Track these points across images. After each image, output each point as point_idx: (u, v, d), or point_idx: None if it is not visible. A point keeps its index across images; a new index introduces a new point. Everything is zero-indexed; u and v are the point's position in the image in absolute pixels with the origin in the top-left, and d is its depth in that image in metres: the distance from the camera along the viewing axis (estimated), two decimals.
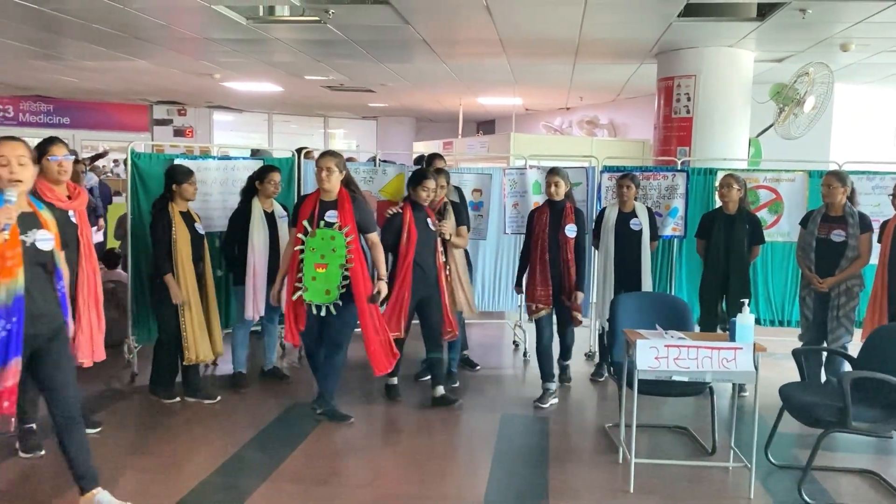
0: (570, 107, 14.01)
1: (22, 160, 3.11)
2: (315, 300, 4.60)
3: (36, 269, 3.16)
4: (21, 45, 8.25)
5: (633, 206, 5.83)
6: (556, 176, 5.30)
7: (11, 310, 3.04)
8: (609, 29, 6.93)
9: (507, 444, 4.58)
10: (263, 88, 12.21)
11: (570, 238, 5.27)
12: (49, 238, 3.20)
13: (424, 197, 5.08)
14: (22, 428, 4.23)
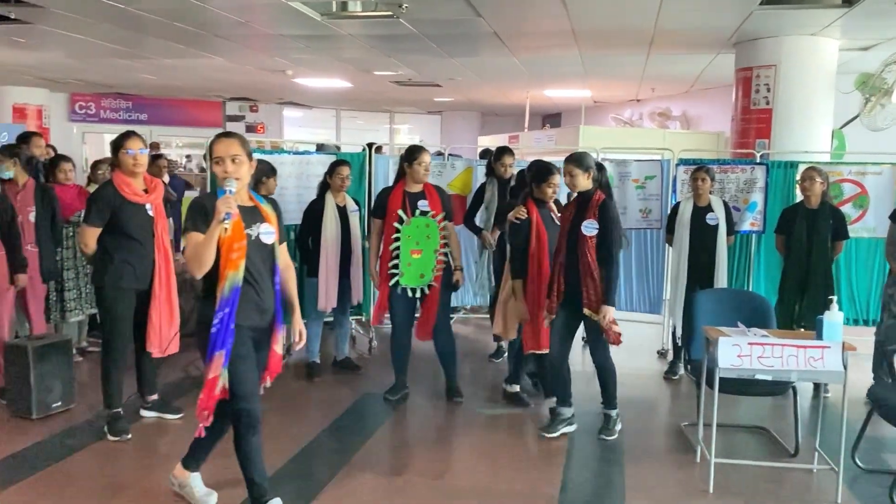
0: (641, 98, 13.73)
1: (236, 158, 3.07)
2: (410, 284, 4.92)
3: (259, 262, 3.16)
4: (105, 44, 8.57)
5: (709, 200, 5.68)
6: (569, 164, 4.31)
7: (228, 301, 3.05)
8: (686, 18, 6.76)
9: (580, 441, 4.54)
10: (333, 84, 12.37)
11: (588, 237, 4.25)
12: (271, 232, 3.20)
13: (550, 194, 4.73)
14: (110, 412, 4.40)
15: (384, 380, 5.36)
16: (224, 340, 3.07)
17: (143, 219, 4.28)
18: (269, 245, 3.20)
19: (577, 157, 4.34)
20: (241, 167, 3.09)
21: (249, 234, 3.10)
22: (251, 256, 3.10)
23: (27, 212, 5.14)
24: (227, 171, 3.04)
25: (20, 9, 6.66)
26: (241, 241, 3.07)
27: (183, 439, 4.37)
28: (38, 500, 3.57)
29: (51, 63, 10.70)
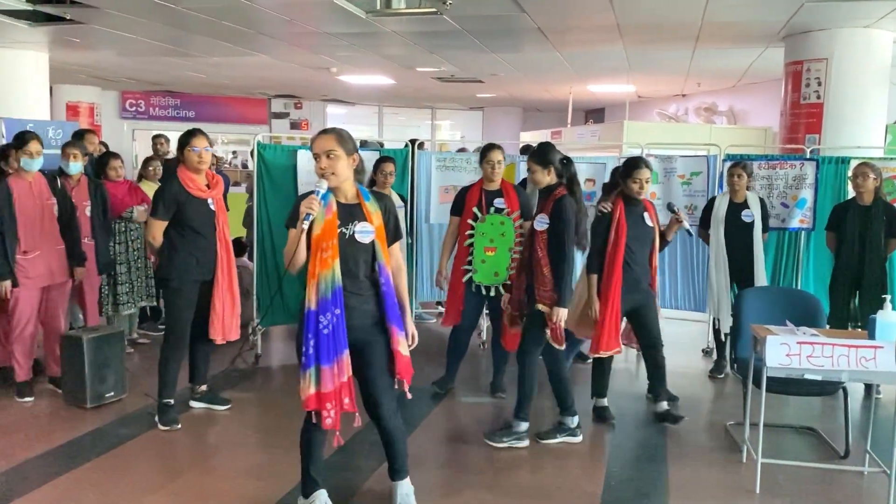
0: (687, 93, 13.53)
1: (331, 153, 3.04)
2: (484, 282, 4.95)
3: (353, 261, 3.10)
4: (155, 42, 8.76)
5: (746, 196, 5.59)
6: (528, 160, 4.28)
7: (331, 303, 3.02)
8: (735, 12, 6.64)
9: (622, 439, 4.51)
10: (376, 81, 12.45)
11: (538, 231, 4.18)
12: (370, 231, 3.13)
13: (637, 190, 4.46)
14: (161, 402, 4.52)
15: (428, 372, 5.37)
16: (344, 340, 3.05)
17: (206, 213, 4.43)
18: (365, 244, 3.12)
19: (537, 152, 4.22)
20: (337, 162, 3.04)
21: (343, 232, 3.06)
22: (344, 256, 3.06)
23: (83, 206, 5.32)
24: (322, 166, 3.03)
25: (75, 9, 6.85)
26: (332, 240, 3.02)
27: (228, 431, 4.48)
28: (95, 485, 3.69)
29: (103, 62, 10.98)
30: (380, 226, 3.16)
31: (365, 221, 3.12)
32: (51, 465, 3.90)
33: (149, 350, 6.29)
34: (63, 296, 5.10)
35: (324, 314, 3.02)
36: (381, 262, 3.16)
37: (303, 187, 6.01)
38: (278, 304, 6.08)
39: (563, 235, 4.06)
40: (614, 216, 4.45)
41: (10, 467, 3.86)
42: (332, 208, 3.06)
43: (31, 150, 4.72)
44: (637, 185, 4.45)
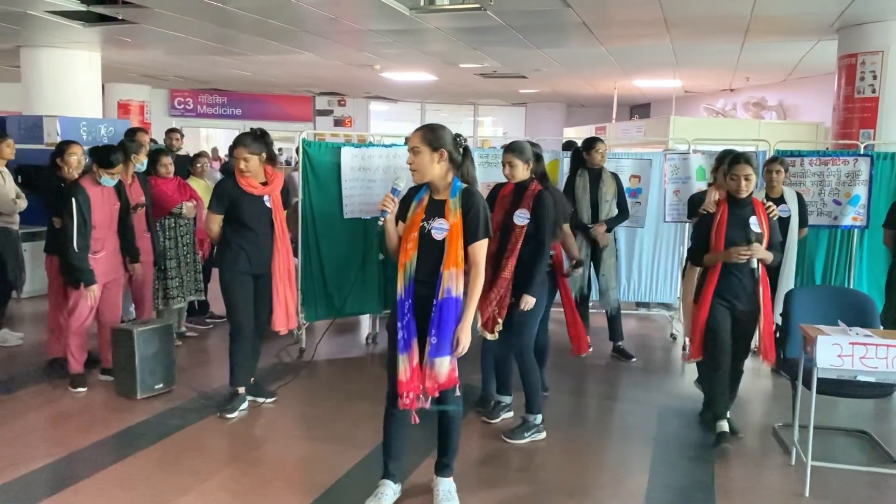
0: (735, 88, 13.27)
1: (415, 149, 3.17)
2: None
3: (427, 256, 3.20)
4: (203, 41, 8.93)
5: (782, 192, 5.48)
6: (508, 154, 4.26)
7: (407, 292, 3.18)
8: (786, 4, 6.48)
9: (666, 438, 4.46)
10: (419, 78, 12.49)
11: (518, 226, 4.18)
12: (443, 228, 3.19)
13: (735, 188, 4.13)
14: (231, 390, 4.71)
15: (463, 370, 5.36)
16: (413, 329, 3.20)
17: (260, 209, 4.57)
18: (437, 241, 3.18)
19: (517, 146, 4.25)
20: (420, 157, 3.17)
21: (423, 226, 3.20)
22: (420, 250, 3.19)
23: (142, 201, 5.49)
24: (408, 161, 3.21)
25: (127, 9, 7.02)
26: (414, 233, 3.20)
27: (274, 424, 4.55)
28: (146, 475, 3.78)
29: (153, 61, 11.23)
30: (455, 223, 3.17)
31: (443, 218, 3.19)
32: (103, 454, 4.01)
33: (196, 343, 6.43)
34: (119, 290, 5.27)
35: (407, 300, 3.19)
36: (441, 262, 3.17)
37: (346, 184, 6.07)
38: (322, 298, 6.16)
39: (543, 229, 4.15)
40: (715, 218, 4.17)
41: (65, 455, 3.98)
42: (423, 203, 3.24)
43: (115, 171, 4.90)
44: (735, 182, 4.10)
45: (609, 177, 5.85)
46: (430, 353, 3.17)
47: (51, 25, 7.77)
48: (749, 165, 4.09)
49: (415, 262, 3.18)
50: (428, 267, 3.19)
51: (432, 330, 3.16)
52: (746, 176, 4.09)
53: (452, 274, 3.16)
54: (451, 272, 3.16)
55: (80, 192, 4.80)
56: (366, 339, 6.59)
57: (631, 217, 6.46)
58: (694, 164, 6.54)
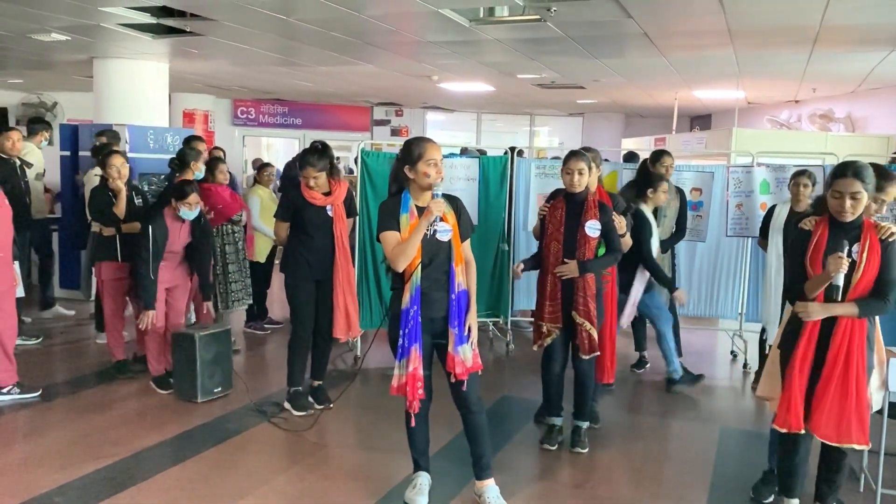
0: (800, 99, 12.88)
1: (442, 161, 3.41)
2: None
3: (435, 259, 3.37)
4: (267, 52, 9.11)
5: (808, 206, 5.31)
6: (576, 161, 4.15)
7: (415, 298, 3.33)
8: (857, 14, 6.26)
9: (727, 458, 4.34)
10: (476, 88, 12.50)
11: (591, 238, 4.15)
12: (447, 230, 3.38)
13: (836, 207, 3.13)
14: (290, 391, 4.89)
15: (522, 381, 5.34)
16: (417, 335, 3.36)
17: (322, 218, 4.71)
18: (444, 242, 3.37)
19: (578, 153, 4.21)
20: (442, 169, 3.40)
21: (427, 231, 3.32)
22: (427, 255, 3.33)
23: (205, 209, 5.62)
24: (440, 171, 3.34)
25: (195, 22, 7.21)
26: None
27: (331, 431, 4.60)
28: (204, 477, 3.86)
29: (218, 71, 11.51)
30: (455, 224, 3.40)
31: (443, 221, 3.35)
32: (164, 456, 4.11)
33: (254, 347, 6.55)
34: (185, 295, 5.40)
35: (412, 307, 3.33)
36: (452, 259, 3.39)
37: None
38: (377, 307, 6.20)
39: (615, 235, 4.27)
40: (812, 240, 3.22)
41: (127, 456, 4.09)
42: (414, 212, 3.35)
43: (191, 201, 5.03)
44: (837, 200, 3.12)
45: (673, 191, 5.74)
46: (456, 342, 3.39)
47: (122, 37, 8.04)
48: (859, 181, 3.07)
49: (419, 271, 3.32)
50: (437, 269, 3.37)
51: (454, 321, 3.38)
52: (853, 194, 3.07)
53: (461, 270, 3.42)
54: (461, 268, 3.41)
55: (157, 224, 4.97)
56: None
57: (692, 231, 6.34)
58: (758, 178, 6.38)
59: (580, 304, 4.14)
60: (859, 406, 3.15)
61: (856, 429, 3.15)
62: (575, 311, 4.16)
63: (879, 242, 3.11)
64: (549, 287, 4.21)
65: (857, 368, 3.13)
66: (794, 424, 3.19)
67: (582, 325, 4.15)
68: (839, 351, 3.13)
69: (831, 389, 3.14)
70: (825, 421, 3.15)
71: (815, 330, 3.17)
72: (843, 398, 3.14)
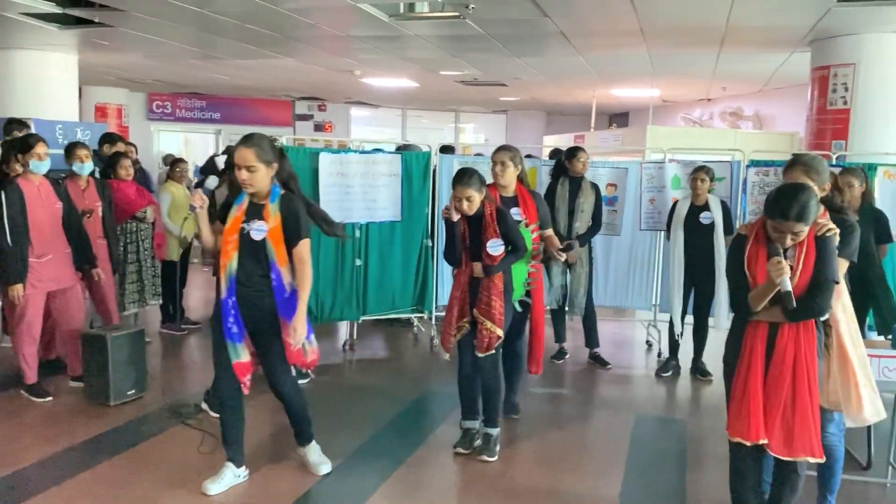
0: (712, 98, 13.41)
1: (252, 168, 3.38)
2: None
3: (248, 256, 3.46)
4: (182, 45, 8.87)
5: (707, 200, 5.64)
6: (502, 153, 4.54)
7: (231, 290, 3.45)
8: (760, 15, 6.57)
9: (641, 446, 4.49)
10: (399, 84, 12.49)
11: (495, 256, 4.01)
12: (262, 229, 3.42)
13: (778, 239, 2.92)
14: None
15: (445, 377, 5.39)
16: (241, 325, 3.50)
17: None
18: (258, 241, 3.43)
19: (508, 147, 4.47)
20: (256, 174, 3.40)
21: (243, 227, 3.45)
22: (241, 250, 3.45)
23: (96, 207, 5.39)
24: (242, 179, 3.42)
25: (103, 13, 6.96)
26: (233, 235, 3.46)
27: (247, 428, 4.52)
28: (118, 481, 3.74)
29: (131, 64, 11.13)
30: (275, 227, 3.43)
31: (262, 221, 3.43)
32: (74, 462, 3.96)
33: (169, 348, 6.37)
34: (76, 297, 5.10)
35: (230, 297, 3.46)
36: (273, 259, 3.44)
37: (324, 190, 6.06)
38: None
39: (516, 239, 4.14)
40: (747, 244, 3.03)
41: (34, 462, 3.93)
42: (244, 207, 3.48)
43: (39, 152, 4.69)
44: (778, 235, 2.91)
45: (589, 187, 5.88)
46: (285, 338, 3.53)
47: (25, 27, 7.68)
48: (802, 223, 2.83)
49: (236, 262, 3.45)
50: (248, 267, 3.46)
51: (283, 319, 3.49)
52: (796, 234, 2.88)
53: (282, 272, 3.46)
54: (280, 270, 3.45)
55: (10, 188, 4.61)
56: (343, 345, 6.57)
57: (607, 225, 6.52)
58: (669, 173, 6.61)
59: (482, 301, 4.05)
60: (813, 416, 2.94)
61: (808, 441, 2.94)
62: (476, 309, 4.07)
63: (815, 241, 2.93)
64: (460, 289, 4.17)
65: (808, 377, 2.93)
66: (752, 434, 2.94)
67: (482, 323, 4.05)
68: (785, 358, 2.93)
69: (781, 399, 2.93)
70: (776, 434, 2.94)
71: (759, 336, 2.98)
72: (793, 409, 2.93)
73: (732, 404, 3.06)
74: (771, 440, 2.94)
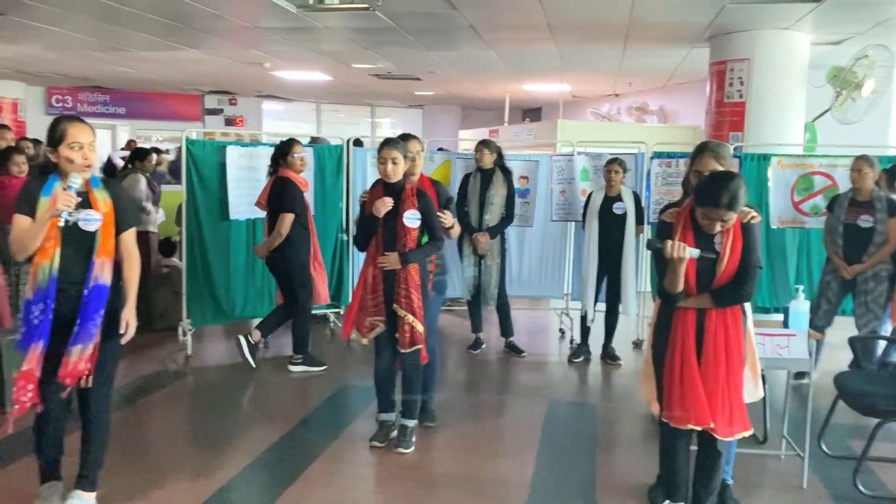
0: (619, 93, 13.82)
1: (93, 146, 3.03)
2: None
3: (76, 250, 3.04)
4: (81, 36, 8.49)
5: (620, 191, 5.84)
6: (389, 149, 3.92)
7: (47, 293, 2.98)
8: (660, 12, 6.81)
9: (554, 431, 4.59)
10: (312, 77, 12.33)
11: (411, 228, 3.97)
12: (96, 219, 3.05)
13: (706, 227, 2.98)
14: None
15: (362, 370, 5.38)
16: (44, 332, 2.99)
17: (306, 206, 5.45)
18: (89, 232, 3.04)
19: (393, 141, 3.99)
20: (94, 154, 3.05)
21: (68, 220, 2.95)
22: (65, 244, 3.01)
23: None
24: (87, 157, 3.00)
25: None
26: (53, 230, 2.96)
27: (154, 434, 4.38)
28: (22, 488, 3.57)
29: (27, 56, 10.58)
30: (108, 212, 3.08)
31: (91, 209, 3.05)
32: None
33: None
34: None
35: (37, 304, 2.98)
36: (94, 251, 3.05)
37: (232, 184, 5.93)
38: (209, 303, 5.99)
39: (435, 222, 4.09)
40: (675, 233, 3.05)
41: None
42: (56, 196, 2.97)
43: None
44: (707, 223, 2.96)
45: (500, 179, 5.95)
46: (72, 341, 3.01)
47: None
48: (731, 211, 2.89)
49: (57, 260, 2.99)
50: (77, 261, 3.03)
51: (77, 319, 3.02)
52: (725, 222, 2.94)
53: (103, 263, 3.07)
54: (102, 261, 3.06)
55: None
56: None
57: (520, 216, 6.64)
58: (578, 166, 6.78)
59: (402, 295, 3.98)
60: (741, 395, 3.10)
61: (743, 418, 3.07)
62: (396, 304, 4.00)
63: (741, 227, 2.99)
64: (370, 279, 4.06)
65: (738, 358, 3.07)
66: (699, 420, 2.99)
67: (404, 317, 3.99)
68: (716, 343, 3.02)
69: (719, 384, 3.01)
70: (720, 418, 3.01)
71: (689, 323, 3.04)
72: (729, 391, 3.03)
73: (669, 391, 3.08)
74: (716, 423, 3.01)
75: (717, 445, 3.12)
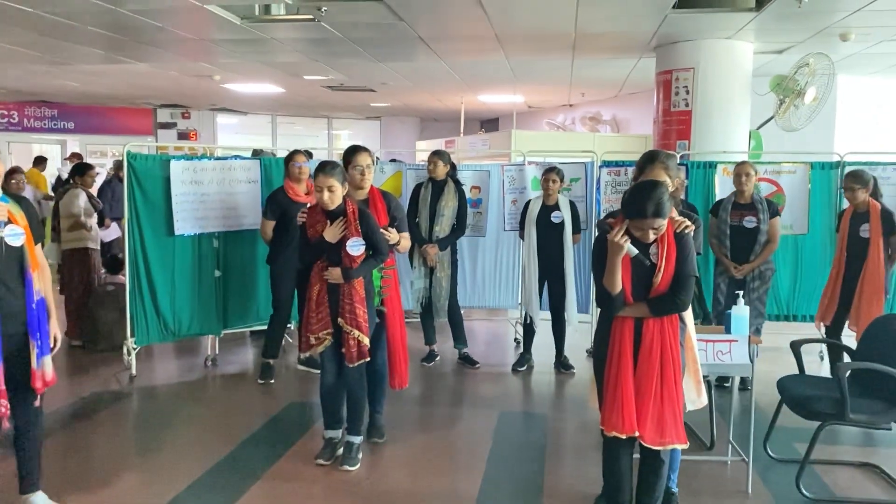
0: (573, 103, 13.96)
1: None
2: None
3: (7, 267, 3.06)
4: (22, 49, 8.28)
5: (557, 200, 5.89)
6: (325, 177, 3.80)
7: None
8: (605, 22, 6.88)
9: (504, 442, 4.55)
10: (264, 90, 12.22)
11: (355, 256, 3.91)
12: (19, 233, 3.08)
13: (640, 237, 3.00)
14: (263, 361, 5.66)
15: (309, 389, 5.29)
16: None
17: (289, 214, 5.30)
18: (15, 248, 3.08)
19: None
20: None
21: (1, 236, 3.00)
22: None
23: None
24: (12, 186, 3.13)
25: None
26: None
27: (101, 453, 4.24)
28: None
29: None
30: (26, 226, 3.12)
31: (12, 224, 3.08)
32: None
33: None
34: None
35: None
36: (27, 265, 3.12)
37: (177, 199, 5.80)
38: (154, 321, 5.84)
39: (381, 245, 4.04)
40: None
41: None
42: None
43: None
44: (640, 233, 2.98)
45: (452, 191, 5.91)
46: (38, 355, 3.13)
47: None
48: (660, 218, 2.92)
49: None
50: (11, 278, 3.08)
51: (35, 333, 3.12)
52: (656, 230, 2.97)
53: (37, 276, 3.15)
54: (36, 274, 3.14)
55: None
56: (204, 361, 6.29)
57: (473, 226, 6.62)
58: (529, 175, 6.80)
59: (346, 310, 3.92)
60: (679, 405, 3.07)
61: (676, 429, 3.05)
62: (341, 318, 3.93)
63: (674, 237, 3.02)
64: (315, 294, 3.99)
65: (674, 368, 3.04)
66: (626, 427, 3.00)
67: (350, 333, 3.94)
68: (651, 351, 3.02)
69: (651, 392, 3.01)
70: (648, 426, 3.01)
71: (626, 332, 3.04)
72: (662, 400, 3.02)
73: (606, 398, 3.09)
74: (643, 431, 3.01)
75: (660, 454, 3.12)
